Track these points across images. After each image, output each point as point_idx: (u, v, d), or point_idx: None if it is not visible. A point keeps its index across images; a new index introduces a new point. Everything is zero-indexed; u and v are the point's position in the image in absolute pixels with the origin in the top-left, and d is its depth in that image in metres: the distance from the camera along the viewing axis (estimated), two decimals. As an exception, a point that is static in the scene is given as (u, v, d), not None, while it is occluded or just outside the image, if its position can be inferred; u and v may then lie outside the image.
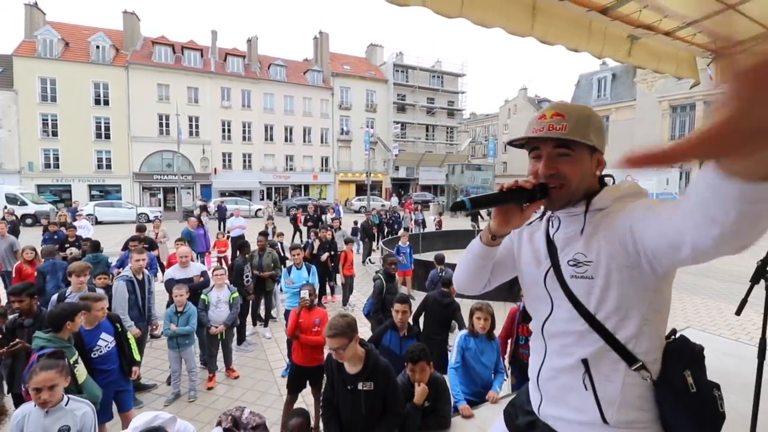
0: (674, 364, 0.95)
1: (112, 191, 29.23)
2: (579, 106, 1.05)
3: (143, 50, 30.57)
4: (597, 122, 1.03)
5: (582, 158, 1.01)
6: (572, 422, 1.02)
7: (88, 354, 3.12)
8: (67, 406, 2.10)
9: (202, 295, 4.71)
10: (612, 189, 1.04)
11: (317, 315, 3.83)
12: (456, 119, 44.38)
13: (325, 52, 36.99)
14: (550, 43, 2.84)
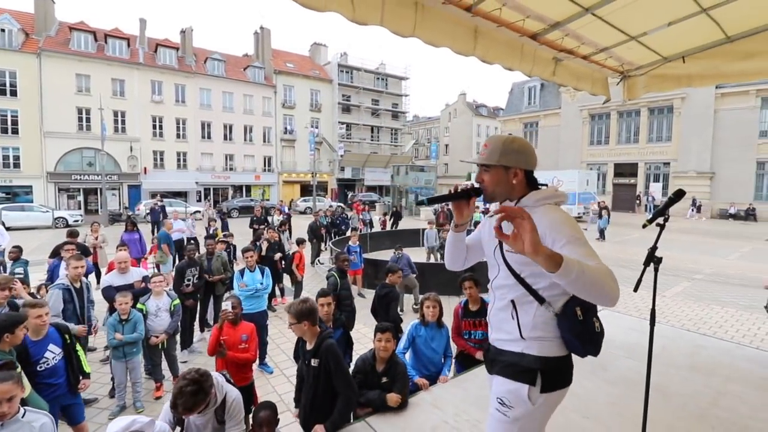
0: (570, 303, 1.46)
1: (21, 193, 25.93)
2: (500, 138, 1.58)
3: (59, 36, 27.47)
4: (511, 148, 1.53)
5: (497, 173, 1.55)
6: (505, 341, 1.56)
7: (34, 366, 2.92)
8: (23, 418, 2.01)
9: (138, 305, 4.40)
10: (536, 193, 1.54)
11: (243, 330, 3.53)
12: (400, 121, 45.41)
13: (266, 49, 35.90)
14: (490, 62, 3.22)
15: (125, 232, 9.19)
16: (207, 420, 2.11)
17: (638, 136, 29.04)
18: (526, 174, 1.55)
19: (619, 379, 3.03)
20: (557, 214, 1.44)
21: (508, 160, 1.52)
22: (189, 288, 5.50)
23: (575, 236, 1.37)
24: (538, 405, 1.45)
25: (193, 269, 5.53)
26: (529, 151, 1.58)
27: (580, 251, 1.32)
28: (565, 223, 1.40)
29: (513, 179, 1.53)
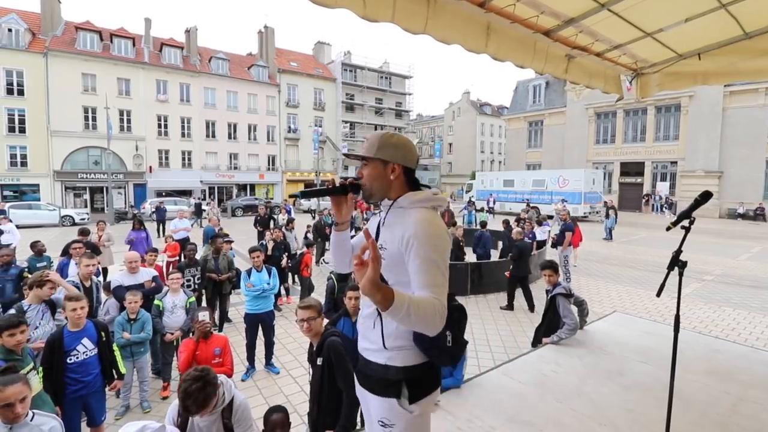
0: None
1: (28, 191, 26.11)
2: (379, 132, 1.57)
3: (65, 36, 27.61)
4: (389, 141, 1.50)
5: (375, 166, 1.50)
6: (370, 350, 1.52)
7: (64, 356, 2.93)
8: (32, 421, 1.98)
9: (156, 301, 4.50)
10: (414, 194, 1.50)
11: (216, 344, 3.40)
12: (404, 120, 45.30)
13: (270, 48, 35.91)
14: (501, 60, 3.15)
15: (132, 230, 9.22)
16: (213, 422, 2.06)
17: (645, 134, 28.77)
18: (405, 172, 1.52)
19: (636, 384, 2.96)
20: (428, 225, 1.37)
21: (385, 153, 1.49)
22: (191, 287, 5.49)
23: (431, 259, 1.33)
24: (415, 414, 1.45)
25: (192, 269, 5.51)
26: (409, 147, 1.53)
27: (424, 280, 1.32)
28: (430, 238, 1.35)
29: (391, 174, 1.49)
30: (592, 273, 10.25)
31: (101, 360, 3.20)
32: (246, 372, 5.05)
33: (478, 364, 5.16)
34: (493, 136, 56.53)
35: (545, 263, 4.02)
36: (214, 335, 3.45)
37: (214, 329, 6.18)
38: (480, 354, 5.54)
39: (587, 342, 3.57)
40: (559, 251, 9.09)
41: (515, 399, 2.69)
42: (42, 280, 3.50)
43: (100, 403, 3.28)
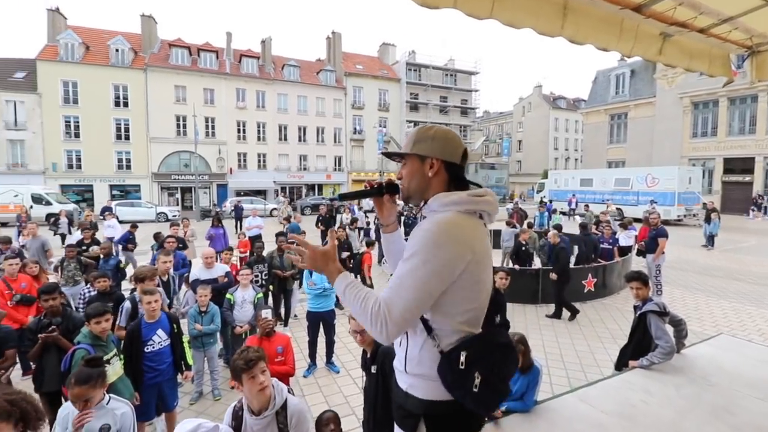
0: (459, 346, 1.21)
1: (131, 191, 29.91)
2: (416, 128, 1.40)
3: (161, 53, 31.15)
4: (426, 134, 1.34)
5: (412, 163, 1.35)
6: (396, 369, 1.38)
7: (142, 346, 3.21)
8: (108, 405, 2.16)
9: (227, 295, 4.77)
10: (444, 195, 1.28)
11: (279, 342, 3.38)
12: (469, 118, 44.05)
13: (337, 52, 37.11)
14: (580, 43, 2.78)
15: (211, 227, 10.02)
16: (266, 424, 2.06)
17: (755, 126, 24.66)
18: (447, 168, 1.32)
19: (750, 426, 2.43)
20: (438, 228, 1.19)
21: (422, 147, 1.32)
22: (258, 283, 5.76)
23: (414, 264, 1.17)
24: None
25: (260, 265, 5.77)
26: (450, 139, 1.33)
27: (391, 281, 1.22)
28: (429, 242, 1.18)
29: (429, 171, 1.31)
30: (689, 285, 8.96)
31: (173, 350, 3.44)
32: (308, 368, 5.16)
33: (551, 382, 4.72)
34: (568, 131, 52.63)
35: (632, 274, 3.50)
36: (276, 333, 3.51)
37: (279, 324, 6.47)
38: (553, 371, 5.05)
39: (686, 369, 3.03)
40: (650, 260, 8.04)
41: (596, 431, 2.34)
42: (145, 275, 3.87)
43: (173, 390, 3.53)
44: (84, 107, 28.33)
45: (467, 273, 1.19)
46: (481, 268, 1.23)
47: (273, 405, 2.06)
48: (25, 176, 26.75)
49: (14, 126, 27.38)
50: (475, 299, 1.24)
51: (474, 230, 1.24)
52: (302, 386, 4.79)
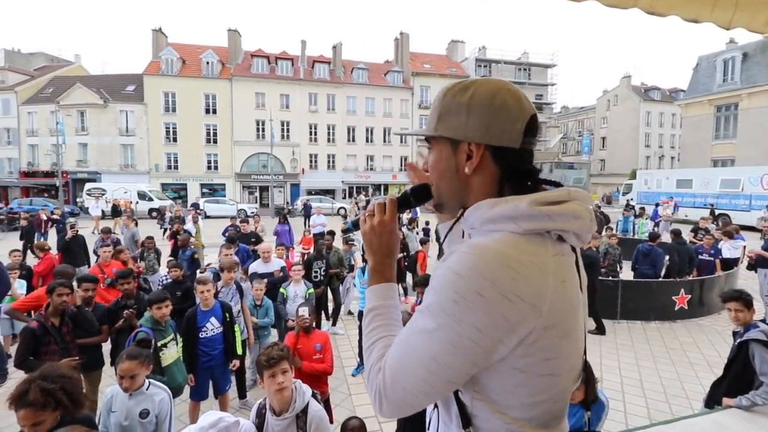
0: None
1: (218, 189, 33.12)
2: (441, 90, 0.81)
3: (244, 63, 33.96)
4: (457, 101, 0.76)
5: (437, 151, 0.82)
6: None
7: (197, 332, 3.46)
8: (148, 390, 2.31)
9: (281, 289, 4.95)
10: (488, 203, 0.73)
11: (318, 339, 3.38)
12: (545, 114, 41.35)
13: (405, 53, 37.22)
14: (661, 14, 2.33)
15: (278, 224, 10.61)
16: (287, 426, 2.03)
17: None
18: (496, 157, 0.76)
19: None
20: (477, 260, 0.66)
21: (451, 126, 0.77)
22: (317, 278, 5.89)
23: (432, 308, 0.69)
24: None
25: (319, 262, 5.91)
26: (499, 106, 0.73)
27: (411, 326, 0.73)
28: (452, 279, 0.67)
29: (465, 166, 0.77)
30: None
31: (225, 338, 3.61)
32: (357, 367, 5.14)
33: (625, 411, 4.14)
34: (663, 126, 46.80)
35: (731, 293, 2.87)
36: (315, 331, 3.52)
37: (328, 322, 6.57)
38: (629, 399, 4.43)
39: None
40: (762, 277, 6.74)
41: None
42: (229, 264, 4.16)
43: (225, 375, 3.71)
44: (180, 115, 32.00)
45: (529, 348, 0.68)
46: (558, 335, 0.69)
47: (293, 408, 2.02)
48: (134, 176, 30.94)
49: (126, 132, 31.88)
50: (547, 388, 0.72)
51: (544, 270, 0.67)
52: (350, 384, 4.78)
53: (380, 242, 0.87)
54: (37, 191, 31.30)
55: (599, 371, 5.05)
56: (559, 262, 0.70)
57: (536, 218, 0.68)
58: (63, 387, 1.64)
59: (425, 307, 0.72)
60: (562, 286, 0.69)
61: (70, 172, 30.61)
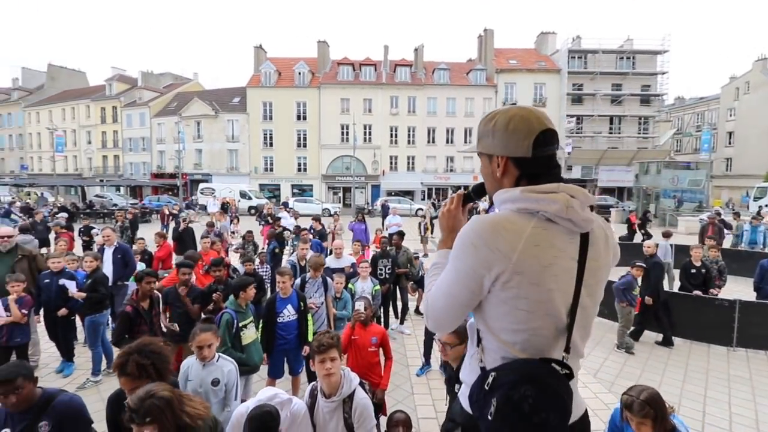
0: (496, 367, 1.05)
1: (306, 189, 35.76)
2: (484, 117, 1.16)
3: (331, 71, 36.08)
4: (486, 129, 1.13)
5: (483, 164, 1.18)
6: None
7: (276, 317, 3.86)
8: (218, 362, 2.65)
9: (349, 285, 5.18)
10: (500, 192, 1.10)
11: (374, 333, 3.45)
12: (653, 107, 36.45)
13: (489, 50, 35.94)
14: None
15: (355, 222, 11.09)
16: (334, 408, 2.16)
17: None
18: (519, 165, 1.08)
19: None
20: (477, 222, 1.03)
21: (485, 145, 1.14)
22: (382, 276, 6.05)
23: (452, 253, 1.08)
24: None
25: (384, 260, 6.05)
26: (513, 129, 1.07)
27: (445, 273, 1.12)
28: (462, 234, 1.05)
29: (498, 171, 1.12)
30: None
31: (299, 324, 3.92)
32: (421, 367, 5.16)
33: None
34: (813, 116, 38.12)
35: None
36: (373, 324, 3.62)
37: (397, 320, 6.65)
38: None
39: None
40: None
41: None
42: (317, 263, 4.55)
43: (298, 358, 4.04)
44: (276, 122, 35.23)
45: (504, 285, 0.99)
46: (530, 284, 0.98)
47: (340, 393, 2.15)
48: (237, 177, 34.87)
49: (232, 139, 36.13)
50: (523, 320, 1.01)
51: (517, 233, 0.98)
52: (414, 384, 4.81)
53: (447, 222, 1.26)
54: (164, 190, 37.00)
55: (702, 403, 4.36)
56: (537, 232, 0.99)
57: (524, 200, 1.02)
58: (153, 362, 2.00)
59: (451, 254, 1.08)
60: (534, 248, 0.98)
61: (188, 173, 35.71)
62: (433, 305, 1.12)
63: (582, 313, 1.05)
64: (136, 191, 38.09)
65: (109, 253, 5.79)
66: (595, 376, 5.00)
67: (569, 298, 1.03)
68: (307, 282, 4.45)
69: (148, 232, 12.45)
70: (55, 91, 46.33)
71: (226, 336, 3.41)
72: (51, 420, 2.09)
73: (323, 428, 2.16)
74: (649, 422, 2.12)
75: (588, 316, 1.10)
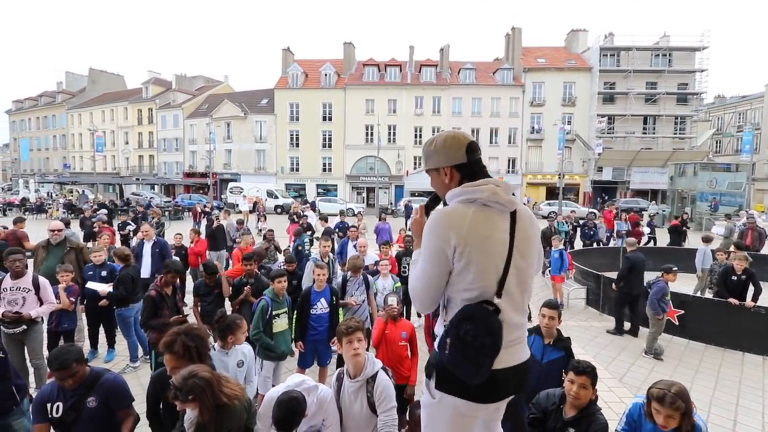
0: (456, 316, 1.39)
1: (331, 189, 36.28)
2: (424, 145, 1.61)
3: (356, 73, 36.42)
4: (429, 150, 1.55)
5: (432, 176, 1.58)
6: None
7: (309, 308, 4.04)
8: (237, 346, 2.90)
9: (370, 283, 5.29)
10: (453, 191, 1.46)
11: (403, 328, 3.54)
12: (690, 106, 34.84)
13: (517, 48, 35.32)
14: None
15: (378, 222, 11.25)
16: (359, 388, 2.29)
17: None
18: (460, 169, 1.49)
19: None
20: (432, 215, 1.45)
21: (431, 163, 1.55)
22: (405, 273, 6.13)
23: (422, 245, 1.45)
24: (438, 400, 1.47)
25: (408, 258, 6.14)
26: (449, 145, 1.49)
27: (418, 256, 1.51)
28: (426, 229, 1.43)
29: (446, 179, 1.51)
30: None
31: (331, 317, 4.08)
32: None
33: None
34: None
35: None
36: (402, 319, 3.71)
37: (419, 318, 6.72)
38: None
39: None
40: None
41: None
42: (356, 265, 4.69)
43: (327, 349, 4.19)
44: (302, 123, 35.92)
45: (460, 256, 1.35)
46: (477, 252, 1.35)
47: (364, 373, 2.29)
48: (264, 176, 35.78)
49: (260, 139, 37.11)
50: (474, 280, 1.36)
51: (463, 216, 1.37)
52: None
53: (417, 229, 1.56)
54: (195, 189, 38.42)
55: (733, 412, 4.22)
56: (477, 213, 1.38)
57: (464, 194, 1.41)
58: (197, 346, 2.20)
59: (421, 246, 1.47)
60: (476, 225, 1.36)
61: (218, 173, 36.93)
62: (414, 287, 1.47)
63: (516, 270, 1.40)
64: (169, 189, 39.73)
65: (148, 247, 6.15)
66: (621, 381, 4.91)
67: (504, 259, 1.38)
68: (349, 281, 4.61)
69: (179, 229, 13.03)
70: (95, 94, 48.97)
71: (260, 321, 3.59)
72: (98, 396, 2.31)
73: (349, 410, 2.29)
74: (678, 416, 2.12)
75: (524, 274, 1.44)
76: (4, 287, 3.90)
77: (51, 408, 2.27)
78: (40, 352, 4.10)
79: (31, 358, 4.04)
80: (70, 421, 2.25)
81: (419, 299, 1.47)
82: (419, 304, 1.49)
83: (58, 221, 5.58)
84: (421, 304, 1.48)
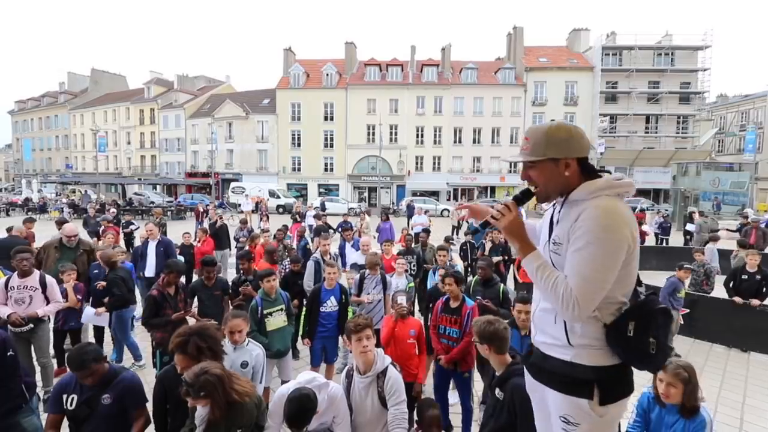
0: (624, 317, 1.35)
1: (333, 189, 36.28)
2: (541, 127, 1.43)
3: (358, 72, 36.42)
4: (556, 136, 1.39)
5: (545, 168, 1.42)
6: (550, 345, 1.48)
7: (319, 306, 4.04)
8: (247, 346, 2.85)
9: None
10: (588, 184, 1.37)
11: (412, 325, 3.56)
12: (693, 105, 34.76)
13: (518, 48, 35.28)
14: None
15: (381, 221, 11.25)
16: (369, 384, 2.29)
17: None
18: (579, 162, 1.41)
19: None
20: (603, 212, 1.30)
21: (556, 150, 1.39)
22: (408, 272, 6.13)
23: (589, 250, 1.29)
24: (603, 417, 1.38)
25: (409, 257, 6.15)
26: (580, 135, 1.40)
27: (570, 268, 1.33)
28: (598, 227, 1.28)
29: (565, 171, 1.39)
30: None
31: (339, 316, 4.09)
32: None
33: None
34: None
35: None
36: (410, 317, 3.70)
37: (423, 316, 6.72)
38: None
39: None
40: None
41: None
42: (373, 261, 4.67)
43: (334, 348, 4.21)
44: (304, 123, 35.94)
45: (629, 253, 1.32)
46: (636, 248, 1.35)
47: (374, 369, 2.30)
48: (266, 176, 35.81)
49: (261, 139, 37.14)
50: (631, 280, 1.38)
51: (630, 213, 1.36)
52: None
53: (519, 231, 1.45)
54: (197, 188, 38.48)
55: (739, 411, 4.21)
56: (630, 210, 1.37)
57: (619, 186, 1.36)
58: (210, 346, 2.20)
59: (586, 243, 1.29)
60: (634, 221, 1.34)
61: (220, 173, 36.98)
62: (589, 291, 1.29)
63: None
64: (171, 189, 39.81)
65: (153, 246, 6.16)
66: (626, 380, 4.90)
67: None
68: (366, 278, 4.59)
69: (182, 228, 13.04)
70: (97, 94, 49.09)
71: (252, 320, 3.60)
72: (113, 393, 2.31)
73: (360, 406, 2.30)
74: (680, 385, 2.13)
75: None
76: (11, 286, 3.92)
77: (67, 399, 2.29)
78: (47, 351, 4.11)
79: (38, 357, 4.06)
80: (83, 416, 2.26)
81: (593, 301, 1.29)
82: (590, 307, 1.30)
83: (72, 226, 5.57)
84: (591, 307, 1.30)
